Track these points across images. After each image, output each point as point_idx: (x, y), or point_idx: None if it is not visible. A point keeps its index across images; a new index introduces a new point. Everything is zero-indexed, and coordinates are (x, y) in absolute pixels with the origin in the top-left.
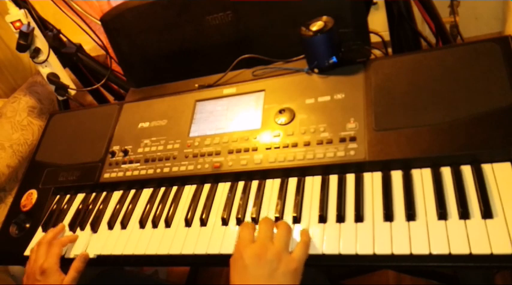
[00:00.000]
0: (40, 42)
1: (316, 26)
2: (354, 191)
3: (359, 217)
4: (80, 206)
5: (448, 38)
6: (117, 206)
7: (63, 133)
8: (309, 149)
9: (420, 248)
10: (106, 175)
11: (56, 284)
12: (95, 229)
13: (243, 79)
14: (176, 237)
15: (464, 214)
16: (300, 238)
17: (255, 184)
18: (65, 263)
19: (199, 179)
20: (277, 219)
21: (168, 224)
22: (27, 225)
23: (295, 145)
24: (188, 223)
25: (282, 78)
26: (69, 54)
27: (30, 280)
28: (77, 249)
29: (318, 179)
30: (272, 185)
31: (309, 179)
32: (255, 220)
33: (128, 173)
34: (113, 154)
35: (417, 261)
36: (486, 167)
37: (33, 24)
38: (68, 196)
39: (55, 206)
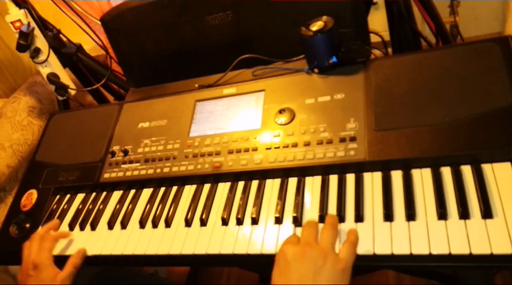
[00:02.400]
0: (40, 42)
1: (316, 26)
2: (354, 191)
3: (359, 217)
4: (80, 206)
5: (448, 38)
6: (117, 206)
7: (63, 133)
8: (309, 149)
9: (420, 248)
10: (106, 175)
11: (49, 278)
12: (95, 228)
13: (243, 79)
14: (176, 237)
15: (464, 214)
16: (346, 238)
17: (255, 184)
18: (63, 260)
19: (199, 179)
20: (277, 219)
21: (168, 224)
22: (27, 225)
23: (295, 145)
24: (188, 223)
25: (282, 78)
26: (69, 54)
27: (23, 275)
28: (77, 249)
29: (318, 179)
30: (272, 185)
31: (309, 179)
32: (254, 220)
33: (128, 173)
34: (113, 154)
35: (417, 261)
36: (486, 167)
37: (33, 24)
38: (68, 196)
39: (55, 206)
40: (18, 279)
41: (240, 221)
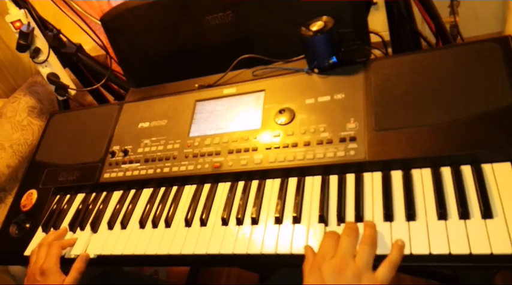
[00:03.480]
0: (40, 42)
1: (316, 26)
2: (354, 191)
3: (359, 217)
4: (80, 206)
5: (448, 38)
6: (117, 206)
7: (63, 133)
8: (309, 149)
9: (420, 248)
10: (106, 175)
11: (56, 284)
12: (95, 229)
13: (243, 79)
14: (176, 237)
15: (464, 214)
16: (388, 255)
17: (255, 184)
18: (66, 263)
19: (199, 179)
20: (277, 219)
21: (168, 224)
22: (27, 225)
23: (295, 145)
24: (188, 223)
25: (282, 78)
26: (69, 54)
27: (30, 281)
28: (77, 249)
29: (318, 179)
30: (272, 185)
31: (309, 179)
32: (254, 220)
33: (128, 173)
34: (113, 154)
35: (417, 261)
36: (486, 167)
37: (33, 24)
38: (68, 196)
39: (55, 206)
40: (24, 283)
41: (240, 221)
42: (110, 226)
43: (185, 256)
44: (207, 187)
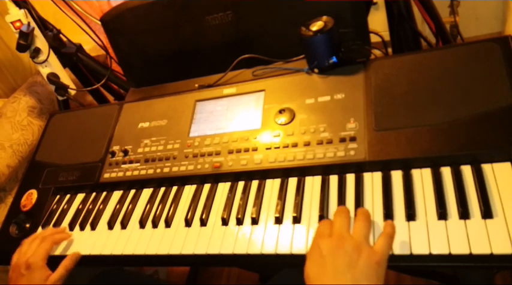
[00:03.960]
0: (40, 42)
1: (316, 26)
2: (354, 191)
3: None
4: (80, 206)
5: (448, 38)
6: (117, 206)
7: (63, 133)
8: (309, 149)
9: (420, 248)
10: (106, 175)
11: (41, 279)
12: (95, 228)
13: (243, 79)
14: (176, 237)
15: (464, 214)
16: (383, 229)
17: (255, 184)
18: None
19: (199, 179)
20: (277, 219)
21: (168, 224)
22: (27, 225)
23: (295, 145)
24: (188, 223)
25: (282, 78)
26: (69, 54)
27: (15, 273)
28: (77, 249)
29: (318, 179)
30: (272, 185)
31: (309, 179)
32: (254, 220)
33: (128, 173)
34: (113, 154)
35: (417, 261)
36: (486, 167)
37: (33, 24)
38: (68, 196)
39: (55, 206)
40: (9, 274)
41: (240, 221)
42: (110, 226)
43: (185, 256)
44: (207, 187)
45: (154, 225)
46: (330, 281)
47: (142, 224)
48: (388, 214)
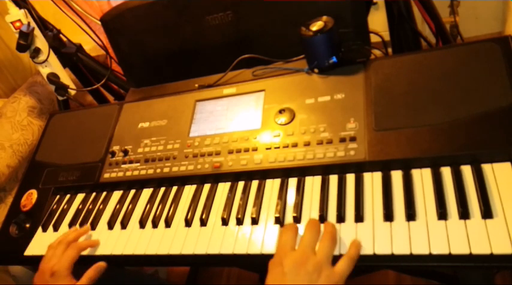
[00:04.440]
0: (40, 42)
1: (316, 26)
2: (354, 191)
3: (359, 217)
4: (80, 206)
5: (448, 38)
6: (117, 206)
7: (63, 133)
8: (309, 149)
9: (420, 248)
10: (106, 175)
11: None
12: (95, 228)
13: (243, 79)
14: (176, 237)
15: (464, 214)
16: (347, 250)
17: (255, 184)
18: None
19: (199, 179)
20: (277, 219)
21: (168, 224)
22: (27, 225)
23: (295, 145)
24: (188, 223)
25: (282, 78)
26: (69, 54)
27: (40, 279)
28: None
29: (318, 179)
30: (272, 185)
31: (309, 179)
32: (254, 220)
33: (128, 173)
34: (113, 154)
35: (417, 261)
36: (486, 167)
37: (33, 24)
38: (68, 196)
39: (55, 206)
40: (35, 279)
41: (240, 221)
42: (110, 226)
43: (185, 256)
44: (207, 187)
45: (154, 225)
46: None
47: (142, 224)
48: (388, 214)
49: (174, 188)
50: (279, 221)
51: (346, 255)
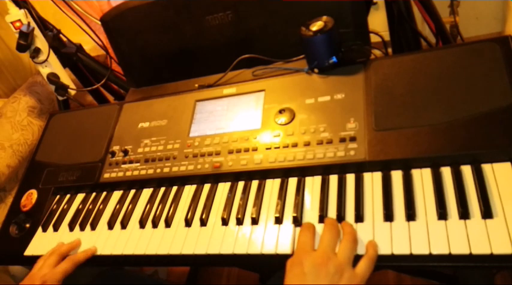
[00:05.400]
0: (40, 42)
1: (316, 26)
2: (354, 191)
3: (359, 217)
4: (80, 206)
5: (448, 38)
6: (117, 206)
7: (63, 133)
8: (309, 149)
9: (420, 248)
10: (106, 175)
11: None
12: (95, 229)
13: (243, 79)
14: (176, 237)
15: (464, 214)
16: (366, 251)
17: (255, 184)
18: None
19: (199, 179)
20: (277, 219)
21: (168, 224)
22: (27, 225)
23: (295, 145)
24: (188, 223)
25: (282, 78)
26: (69, 54)
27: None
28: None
29: (318, 179)
30: (272, 185)
31: (309, 179)
32: (254, 220)
33: (128, 173)
34: (113, 154)
35: (417, 261)
36: (486, 167)
37: (33, 24)
38: (68, 196)
39: (55, 206)
40: (23, 282)
41: (240, 221)
42: (110, 226)
43: (185, 256)
44: (207, 187)
45: (154, 225)
46: None
47: (142, 224)
48: (388, 214)
49: (174, 188)
50: (279, 221)
51: (366, 256)
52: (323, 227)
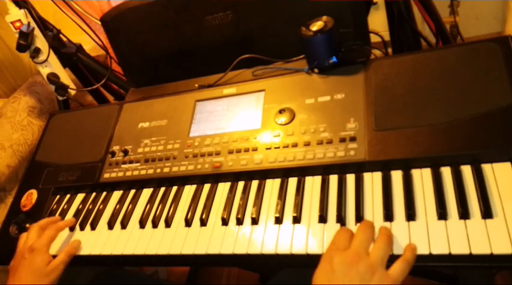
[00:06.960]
0: (40, 42)
1: (316, 26)
2: (354, 191)
3: (359, 217)
4: (80, 206)
5: (448, 38)
6: (117, 206)
7: (63, 133)
8: (309, 149)
9: (420, 248)
10: (106, 175)
11: (43, 263)
12: (95, 228)
13: (243, 79)
14: (176, 237)
15: (464, 214)
16: (403, 253)
17: (255, 184)
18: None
19: (199, 179)
20: (277, 219)
21: (168, 224)
22: (27, 225)
23: (295, 145)
24: (188, 223)
25: (282, 78)
26: (69, 54)
27: (17, 260)
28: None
29: (318, 179)
30: (272, 185)
31: (309, 179)
32: (254, 220)
33: (128, 173)
34: (113, 154)
35: (417, 261)
36: (486, 167)
37: (33, 24)
38: (68, 196)
39: (55, 206)
40: (12, 263)
41: (240, 221)
42: (110, 225)
43: (185, 256)
44: (207, 187)
45: (154, 225)
46: None
47: (142, 224)
48: (388, 214)
49: (174, 188)
50: (279, 221)
51: (402, 258)
52: (357, 227)
